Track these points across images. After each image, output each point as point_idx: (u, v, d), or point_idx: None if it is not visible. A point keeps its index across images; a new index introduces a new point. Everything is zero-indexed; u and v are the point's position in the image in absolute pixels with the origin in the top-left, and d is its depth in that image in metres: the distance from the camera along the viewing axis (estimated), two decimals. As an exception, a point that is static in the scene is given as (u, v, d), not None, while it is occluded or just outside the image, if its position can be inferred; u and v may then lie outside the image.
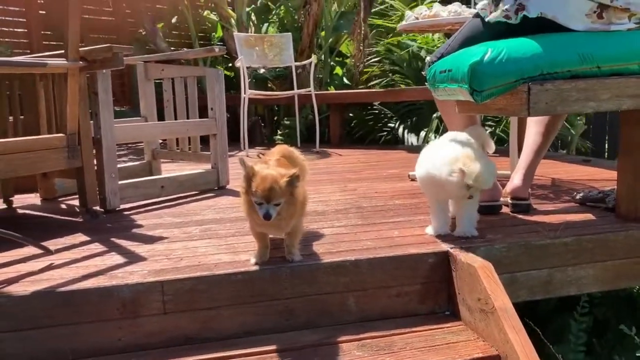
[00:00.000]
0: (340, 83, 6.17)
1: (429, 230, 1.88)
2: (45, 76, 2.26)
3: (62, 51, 2.17)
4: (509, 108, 1.76)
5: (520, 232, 1.87)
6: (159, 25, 6.27)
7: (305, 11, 5.70)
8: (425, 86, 2.23)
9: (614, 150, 5.03)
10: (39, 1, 5.79)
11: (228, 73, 6.02)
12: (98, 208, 2.34)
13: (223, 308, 1.54)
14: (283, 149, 1.84)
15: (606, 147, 5.31)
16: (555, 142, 4.81)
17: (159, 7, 6.56)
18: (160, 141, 3.27)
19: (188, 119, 3.01)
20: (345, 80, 6.19)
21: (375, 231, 1.95)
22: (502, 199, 2.16)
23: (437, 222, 1.86)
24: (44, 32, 5.78)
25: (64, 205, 2.64)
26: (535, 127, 2.26)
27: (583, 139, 4.92)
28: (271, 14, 6.54)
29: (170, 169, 3.25)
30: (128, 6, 6.43)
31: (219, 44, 6.22)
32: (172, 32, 6.64)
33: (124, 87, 6.32)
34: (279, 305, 1.57)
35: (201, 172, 2.91)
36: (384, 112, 5.45)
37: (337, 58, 6.52)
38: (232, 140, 3.81)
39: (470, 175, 1.63)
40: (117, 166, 2.43)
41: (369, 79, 5.65)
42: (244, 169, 1.51)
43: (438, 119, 4.74)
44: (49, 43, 5.68)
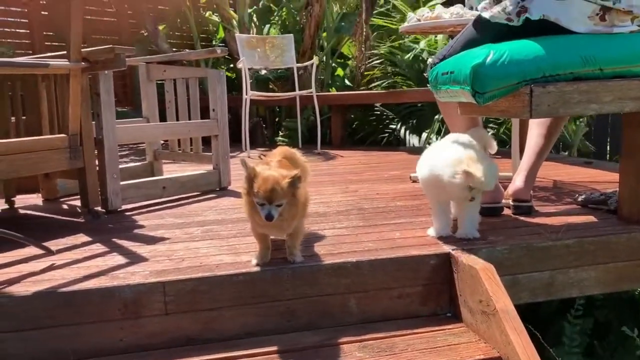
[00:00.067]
0: (341, 84, 6.17)
1: (431, 232, 1.88)
2: (47, 77, 2.27)
3: (65, 52, 2.18)
4: (511, 110, 1.76)
5: (522, 234, 1.86)
6: (161, 27, 6.28)
7: (307, 12, 5.70)
8: (427, 88, 2.23)
9: (616, 152, 5.02)
10: (42, 2, 5.81)
11: (230, 74, 6.03)
12: (100, 208, 2.34)
13: (224, 309, 1.54)
14: (284, 150, 1.84)
15: (608, 149, 5.30)
16: (557, 144, 4.81)
17: (160, 8, 6.57)
18: (162, 142, 3.27)
19: (190, 120, 3.02)
20: (346, 82, 6.19)
21: (376, 232, 1.95)
22: (504, 200, 2.16)
23: (439, 224, 1.86)
24: (46, 33, 5.79)
25: (65, 206, 2.64)
26: (537, 129, 2.26)
27: (585, 140, 4.91)
28: (273, 16, 6.54)
29: (172, 170, 3.25)
30: (130, 7, 6.45)
31: (221, 45, 6.23)
32: (174, 33, 6.65)
33: (126, 88, 6.33)
34: (281, 306, 1.57)
35: (203, 173, 2.91)
36: (386, 114, 5.45)
37: (339, 59, 6.52)
38: (234, 141, 3.81)
39: (472, 177, 1.63)
40: (119, 167, 2.44)
41: (370, 80, 5.65)
42: (246, 170, 1.51)
43: (440, 120, 4.74)
44: (51, 44, 5.70)
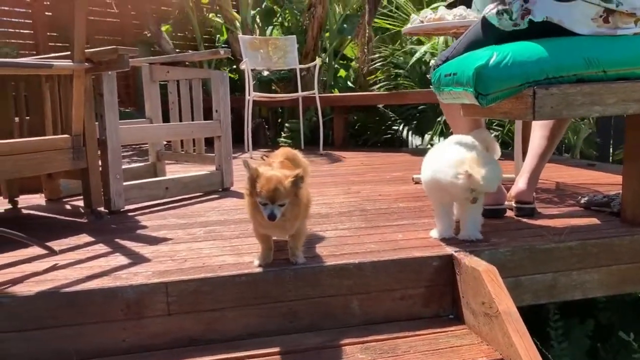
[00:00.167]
0: (344, 86, 6.17)
1: (433, 234, 1.88)
2: (51, 77, 2.27)
3: (68, 53, 2.18)
4: (514, 112, 1.76)
5: (524, 236, 1.86)
6: (165, 28, 6.29)
7: (309, 14, 5.71)
8: (429, 89, 2.22)
9: (619, 154, 5.00)
10: (45, 3, 5.82)
11: (233, 75, 6.04)
12: (102, 209, 2.35)
13: (227, 310, 1.54)
14: (286, 151, 1.84)
15: (611, 152, 5.28)
16: (560, 146, 4.80)
17: (163, 9, 6.58)
18: (165, 143, 3.28)
19: (193, 120, 3.02)
20: (349, 83, 6.19)
21: (379, 234, 1.95)
22: (507, 202, 2.16)
23: (442, 226, 1.86)
24: (49, 34, 5.81)
25: (68, 206, 2.65)
26: (540, 131, 2.25)
27: (595, 140, 4.90)
28: (276, 17, 6.55)
29: (175, 171, 3.25)
30: (133, 8, 6.46)
31: (224, 46, 6.24)
32: (177, 34, 6.66)
33: (129, 89, 6.34)
34: (283, 307, 1.57)
35: (205, 174, 2.92)
36: (388, 115, 5.45)
37: (342, 61, 6.52)
38: (236, 142, 3.79)
39: (475, 178, 1.63)
40: (122, 167, 2.44)
41: (373, 81, 5.65)
42: (248, 170, 1.51)
43: (442, 122, 4.74)
44: (54, 44, 5.72)
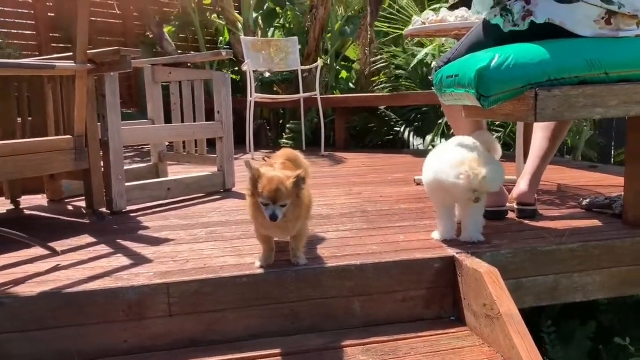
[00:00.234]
0: (346, 87, 6.17)
1: (435, 235, 1.88)
2: (53, 78, 2.27)
3: (71, 54, 2.19)
4: (516, 114, 1.76)
5: (526, 238, 1.86)
6: (167, 29, 6.30)
7: (312, 15, 5.72)
8: (431, 91, 2.22)
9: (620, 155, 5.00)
10: (48, 4, 5.84)
11: (235, 77, 6.04)
12: (104, 210, 2.35)
13: (228, 311, 1.54)
14: (288, 152, 1.85)
15: (612, 154, 5.28)
16: (562, 148, 4.79)
17: (166, 10, 6.59)
18: (167, 144, 3.28)
19: (195, 122, 3.03)
20: (351, 85, 6.19)
21: (380, 235, 1.95)
22: (508, 204, 2.15)
23: (443, 227, 1.86)
24: (52, 35, 5.82)
25: (70, 207, 2.65)
26: (542, 133, 2.25)
27: (590, 144, 4.89)
28: (278, 18, 6.56)
29: (177, 172, 3.26)
30: (135, 9, 6.47)
31: (226, 48, 6.25)
32: (180, 36, 6.67)
33: (132, 90, 6.34)
34: (285, 308, 1.57)
35: (207, 175, 2.92)
36: (390, 117, 5.45)
37: (343, 62, 6.53)
38: (238, 143, 3.80)
39: (476, 178, 1.63)
40: (124, 168, 2.45)
41: (375, 83, 5.65)
42: (250, 171, 1.51)
43: (444, 123, 4.74)
44: (57, 45, 5.72)
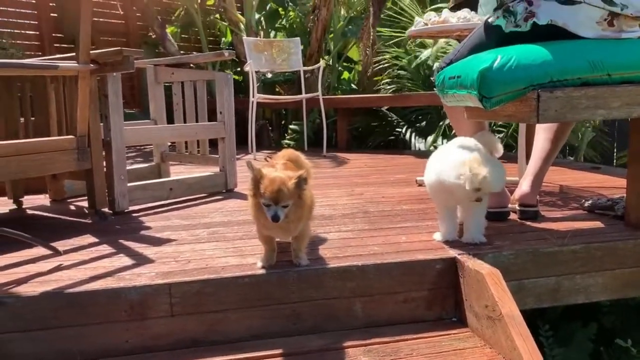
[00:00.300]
0: (348, 88, 6.17)
1: (437, 236, 1.88)
2: (56, 78, 2.28)
3: (73, 54, 2.19)
4: (518, 115, 1.76)
5: (528, 239, 1.86)
6: (170, 30, 6.31)
7: (314, 16, 5.72)
8: (433, 91, 2.23)
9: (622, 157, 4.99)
10: (51, 4, 5.85)
11: (237, 77, 6.05)
12: (107, 210, 2.35)
13: (230, 311, 1.54)
14: (289, 152, 1.85)
15: (615, 155, 5.27)
16: (564, 149, 4.79)
17: (169, 11, 6.60)
18: (169, 144, 3.28)
19: (197, 122, 3.03)
20: (353, 85, 6.20)
21: (382, 236, 1.95)
22: (510, 205, 2.15)
23: (445, 228, 1.85)
24: (55, 35, 5.83)
25: (73, 207, 2.66)
26: (544, 134, 2.25)
27: (592, 146, 4.88)
28: (280, 19, 6.56)
29: (179, 172, 3.26)
30: (138, 10, 6.48)
31: (229, 48, 6.25)
32: (182, 36, 6.68)
33: (134, 90, 6.36)
34: (286, 309, 1.57)
35: (209, 175, 2.92)
36: (392, 117, 5.45)
37: (345, 63, 6.53)
38: (240, 143, 3.81)
39: (476, 178, 1.62)
40: (126, 168, 2.45)
41: (377, 84, 5.65)
42: (252, 172, 1.52)
43: (446, 124, 4.73)
44: (60, 46, 5.74)
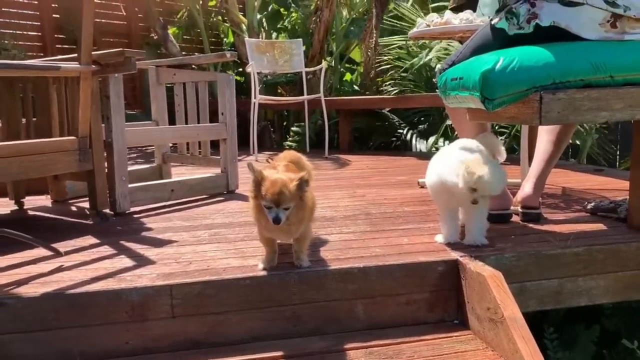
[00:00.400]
0: (350, 89, 6.17)
1: (439, 238, 1.87)
2: (58, 79, 2.28)
3: (75, 55, 2.19)
4: (521, 116, 1.75)
5: (530, 242, 1.85)
6: (172, 31, 6.31)
7: (316, 17, 5.72)
8: (435, 93, 2.22)
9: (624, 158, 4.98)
10: (53, 5, 5.86)
11: (239, 78, 6.05)
12: (108, 211, 2.35)
13: (231, 313, 1.54)
14: (291, 154, 1.84)
15: (617, 157, 5.26)
16: (566, 151, 4.77)
17: (171, 12, 6.61)
18: (171, 145, 3.28)
19: (199, 123, 3.03)
20: (355, 87, 6.19)
21: (384, 238, 1.94)
22: (513, 207, 2.15)
23: (447, 230, 1.85)
24: (57, 36, 5.84)
25: (74, 208, 2.66)
26: (546, 136, 2.24)
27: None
28: (282, 20, 6.56)
29: (180, 173, 3.26)
30: (140, 11, 6.49)
31: (231, 49, 6.26)
32: (184, 37, 6.68)
33: (136, 91, 6.36)
34: (287, 311, 1.57)
35: (211, 176, 2.92)
36: (394, 119, 5.44)
37: (348, 64, 6.53)
38: (242, 144, 3.82)
39: (470, 177, 1.62)
40: (128, 169, 2.45)
41: (380, 85, 5.64)
42: (253, 173, 1.51)
43: (448, 126, 4.73)
44: (62, 47, 5.75)
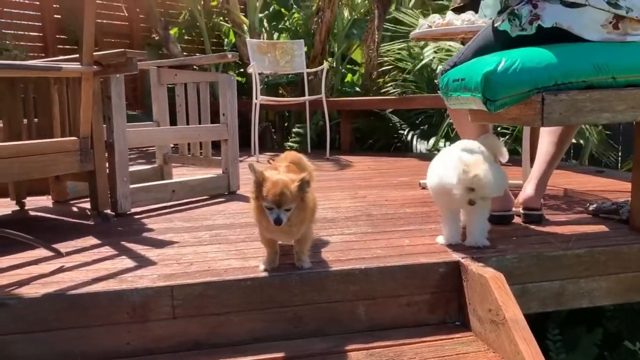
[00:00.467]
0: (351, 90, 6.17)
1: (440, 240, 1.87)
2: (59, 80, 2.28)
3: (77, 55, 2.19)
4: (523, 118, 1.75)
5: (532, 243, 1.85)
6: (173, 31, 6.31)
7: (318, 18, 5.72)
8: (437, 94, 2.22)
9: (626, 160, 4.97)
10: (55, 6, 5.87)
11: (240, 79, 6.05)
12: (109, 211, 2.35)
13: (232, 314, 1.53)
14: (292, 155, 1.84)
15: (619, 158, 5.26)
16: (568, 152, 4.77)
17: (172, 12, 6.61)
18: (172, 146, 3.28)
19: (200, 124, 3.03)
20: (357, 88, 6.19)
21: (385, 239, 1.94)
22: (514, 209, 2.14)
23: (448, 232, 1.85)
24: (58, 36, 5.85)
25: (75, 208, 2.66)
26: (548, 137, 2.24)
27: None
28: (284, 20, 6.57)
29: (181, 174, 3.26)
30: (142, 11, 6.50)
31: (232, 50, 6.26)
32: (186, 38, 6.69)
33: (137, 92, 6.36)
34: (288, 312, 1.57)
35: (212, 177, 2.92)
36: (395, 120, 5.44)
37: (349, 65, 6.53)
38: (243, 145, 3.81)
39: (467, 175, 1.61)
40: (129, 170, 2.45)
41: (381, 86, 5.64)
42: (254, 174, 1.51)
43: (450, 127, 4.72)
44: (63, 47, 5.75)
